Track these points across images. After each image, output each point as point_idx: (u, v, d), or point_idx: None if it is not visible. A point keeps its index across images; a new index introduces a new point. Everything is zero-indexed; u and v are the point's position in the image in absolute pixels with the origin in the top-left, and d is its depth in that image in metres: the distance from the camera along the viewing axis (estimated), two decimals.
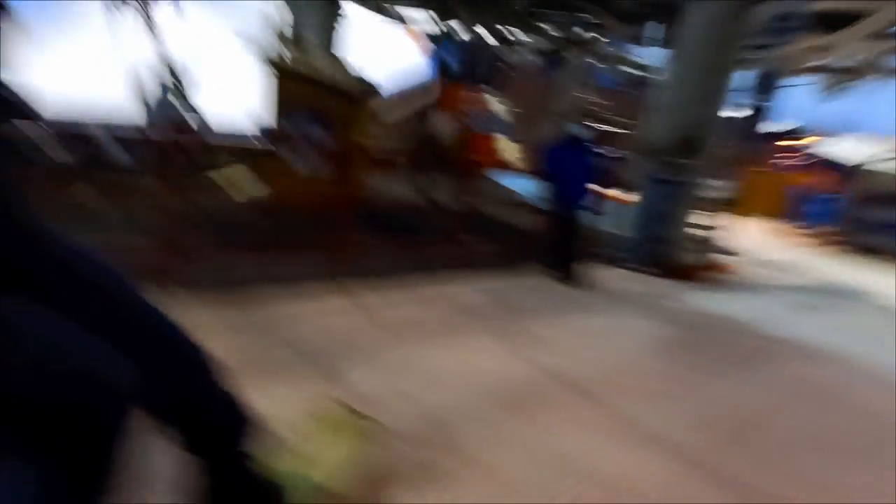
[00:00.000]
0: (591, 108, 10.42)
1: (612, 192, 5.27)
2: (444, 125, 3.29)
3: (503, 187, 10.18)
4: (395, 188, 3.85)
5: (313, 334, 2.49)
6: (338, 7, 8.45)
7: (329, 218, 3.32)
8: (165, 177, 2.98)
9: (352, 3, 8.95)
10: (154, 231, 3.07)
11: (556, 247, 4.19)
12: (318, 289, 3.08)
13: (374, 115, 7.99)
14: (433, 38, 12.75)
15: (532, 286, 3.98)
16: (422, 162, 3.41)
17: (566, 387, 2.42)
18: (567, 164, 4.01)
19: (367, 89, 7.55)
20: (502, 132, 13.04)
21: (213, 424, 1.21)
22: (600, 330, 3.26)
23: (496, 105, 13.32)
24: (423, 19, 10.38)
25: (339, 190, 6.71)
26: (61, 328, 0.91)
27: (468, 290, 3.61)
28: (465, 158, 3.67)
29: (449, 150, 3.35)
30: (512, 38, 9.71)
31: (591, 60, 9.96)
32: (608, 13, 6.97)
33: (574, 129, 4.05)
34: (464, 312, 3.16)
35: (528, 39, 10.03)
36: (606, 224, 5.23)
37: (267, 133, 6.88)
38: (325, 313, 2.77)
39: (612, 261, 5.07)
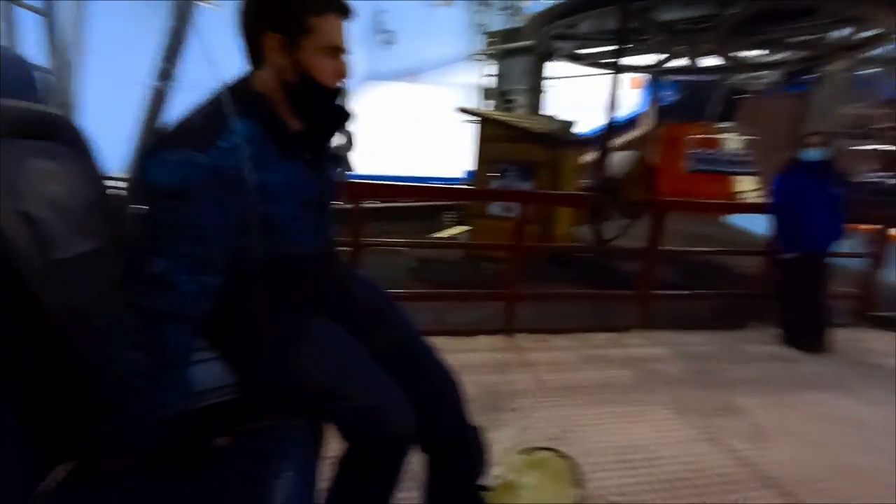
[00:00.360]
0: (868, 125, 8.22)
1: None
2: (625, 163, 2.98)
3: (737, 230, 8.71)
4: (596, 235, 3.63)
5: (470, 386, 2.47)
6: (544, 63, 8.78)
7: (515, 268, 3.32)
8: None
9: (561, 61, 9.19)
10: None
11: (793, 301, 3.30)
12: (487, 340, 3.09)
13: (578, 163, 7.89)
14: (651, 76, 12.07)
15: (752, 351, 3.19)
16: (601, 204, 3.16)
17: (770, 489, 1.84)
18: (810, 197, 3.17)
19: (571, 137, 7.55)
20: (737, 168, 11.30)
21: (465, 456, 1.37)
22: (847, 418, 2.39)
23: (729, 139, 11.67)
24: (636, 62, 9.92)
25: (540, 239, 6.77)
26: (368, 357, 1.13)
27: (662, 352, 3.10)
28: (653, 198, 3.23)
29: (632, 190, 3.01)
30: (745, 62, 8.46)
31: (862, 67, 7.95)
32: (880, 3, 5.44)
33: (815, 153, 3.19)
34: (650, 378, 2.73)
35: (767, 58, 8.60)
36: (883, 274, 3.90)
37: (474, 184, 7.42)
38: (487, 366, 2.74)
39: (890, 324, 3.73)
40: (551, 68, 8.82)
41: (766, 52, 8.67)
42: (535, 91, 8.78)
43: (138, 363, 0.87)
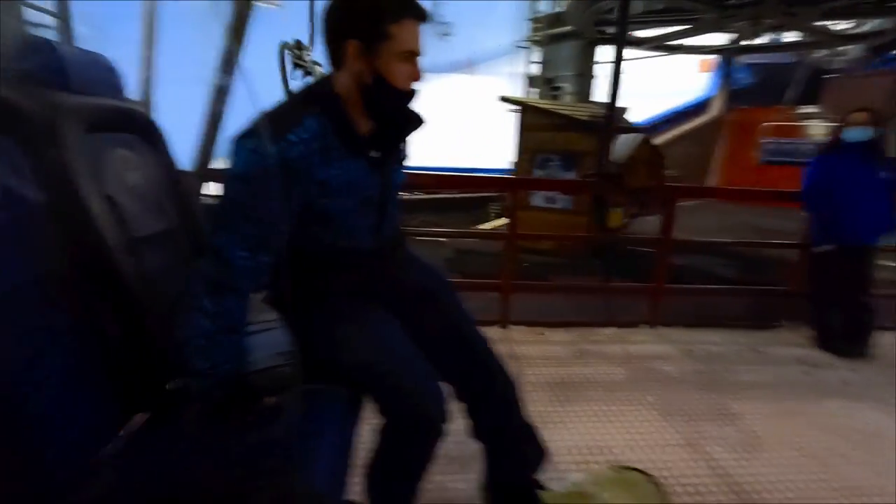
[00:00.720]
0: None
1: None
2: (627, 148, 2.76)
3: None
4: (600, 224, 3.45)
5: None
6: (593, 48, 8.38)
7: (510, 259, 3.22)
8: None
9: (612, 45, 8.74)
10: None
11: (827, 299, 2.95)
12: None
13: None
14: (723, 57, 11.16)
15: (774, 354, 2.88)
16: (603, 192, 2.98)
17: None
18: (852, 183, 2.79)
19: (623, 125, 7.15)
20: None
21: (514, 448, 1.40)
22: (860, 431, 2.11)
23: (812, 126, 10.51)
24: (705, 43, 9.18)
25: (588, 230, 6.49)
26: (410, 342, 1.20)
27: (666, 350, 2.89)
28: (660, 184, 2.99)
29: (636, 176, 2.80)
30: (825, 32, 7.57)
31: None
32: None
33: (860, 132, 2.81)
34: (643, 377, 2.55)
35: (852, 30, 7.68)
36: None
37: (517, 175, 7.21)
38: None
39: None
40: (601, 53, 8.40)
41: (851, 23, 7.75)
42: (584, 77, 8.41)
43: (199, 326, 0.97)
